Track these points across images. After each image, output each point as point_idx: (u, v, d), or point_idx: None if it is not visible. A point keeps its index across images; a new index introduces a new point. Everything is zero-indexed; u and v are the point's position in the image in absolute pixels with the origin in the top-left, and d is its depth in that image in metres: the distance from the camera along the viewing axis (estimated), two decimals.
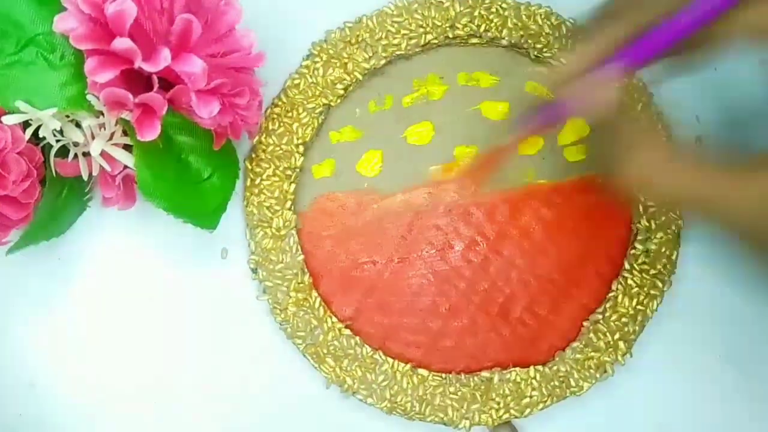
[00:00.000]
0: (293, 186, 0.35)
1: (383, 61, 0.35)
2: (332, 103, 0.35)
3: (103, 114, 0.29)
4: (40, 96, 0.28)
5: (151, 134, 0.27)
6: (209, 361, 0.35)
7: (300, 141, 0.35)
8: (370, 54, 0.35)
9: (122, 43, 0.26)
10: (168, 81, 0.27)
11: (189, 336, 0.35)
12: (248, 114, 0.30)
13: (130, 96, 0.26)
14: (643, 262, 0.35)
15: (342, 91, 0.35)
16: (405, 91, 0.36)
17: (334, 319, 0.34)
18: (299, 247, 0.34)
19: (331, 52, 0.35)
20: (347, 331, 0.34)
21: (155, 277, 0.35)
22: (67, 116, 0.29)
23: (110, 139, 0.29)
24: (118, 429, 0.34)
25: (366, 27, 0.35)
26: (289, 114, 0.35)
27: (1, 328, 0.34)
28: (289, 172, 0.35)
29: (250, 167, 0.35)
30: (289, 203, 0.35)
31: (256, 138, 0.35)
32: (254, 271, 0.34)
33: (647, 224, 0.35)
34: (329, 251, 0.35)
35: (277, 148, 0.35)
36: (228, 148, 0.32)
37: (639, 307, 0.35)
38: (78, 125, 0.29)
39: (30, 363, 0.34)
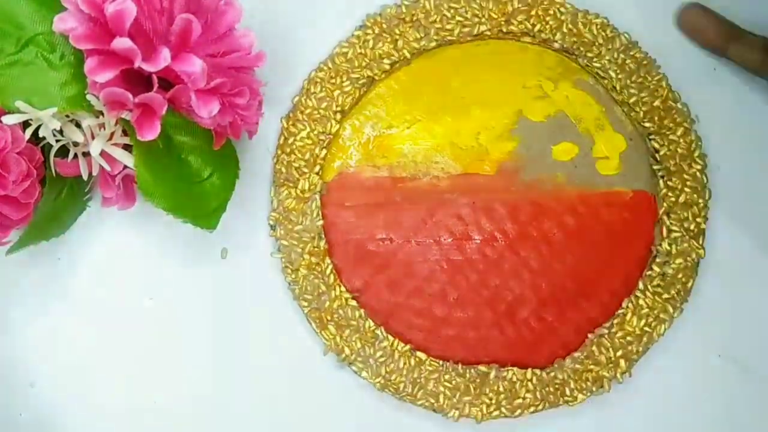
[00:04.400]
0: (324, 152, 0.35)
1: (433, 44, 0.35)
2: (376, 77, 0.35)
3: (103, 114, 0.28)
4: (40, 96, 0.27)
5: (151, 134, 0.27)
6: (209, 361, 0.35)
7: (339, 108, 0.35)
8: (422, 35, 0.35)
9: (122, 43, 0.25)
10: (168, 81, 0.27)
11: (188, 335, 0.35)
12: (248, 114, 0.29)
13: (130, 96, 0.26)
14: (658, 285, 0.35)
15: (388, 67, 0.35)
16: (451, 77, 0.36)
17: (343, 289, 0.34)
18: (320, 213, 0.35)
19: (384, 26, 0.35)
20: (353, 302, 0.34)
21: (155, 277, 0.35)
22: (67, 116, 0.29)
23: (110, 139, 0.29)
24: (119, 428, 0.34)
25: (422, 7, 0.35)
26: (333, 80, 0.35)
27: (1, 328, 0.34)
28: (323, 137, 0.35)
29: (285, 126, 0.35)
30: (317, 168, 0.35)
31: (296, 98, 0.35)
32: (272, 227, 0.35)
33: (668, 248, 0.35)
34: (349, 222, 0.35)
35: (315, 112, 0.35)
36: (228, 148, 0.32)
37: (646, 328, 0.34)
38: (78, 125, 0.29)
39: (30, 363, 0.34)
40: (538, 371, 0.34)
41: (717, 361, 0.35)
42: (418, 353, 0.34)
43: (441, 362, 0.34)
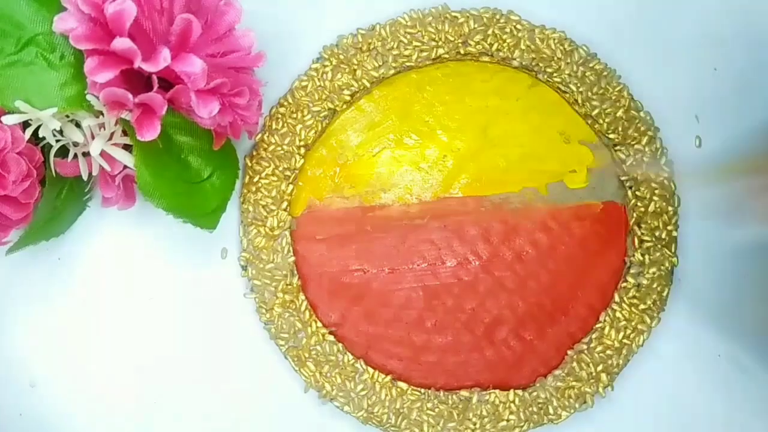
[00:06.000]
0: (291, 187, 0.35)
1: (392, 71, 0.35)
2: (338, 108, 0.35)
3: (103, 114, 0.28)
4: (40, 96, 0.27)
5: (151, 134, 0.27)
6: (207, 362, 0.35)
7: (302, 143, 0.35)
8: (380, 63, 0.35)
9: (122, 43, 0.26)
10: (168, 81, 0.27)
11: (189, 336, 0.35)
12: (248, 114, 0.29)
13: (130, 96, 0.26)
14: (634, 296, 0.35)
15: (348, 97, 0.35)
16: (413, 102, 0.35)
17: (319, 324, 0.34)
18: (291, 249, 0.34)
19: (341, 57, 0.35)
20: (330, 338, 0.34)
21: (155, 277, 0.35)
22: (67, 116, 0.29)
23: (110, 139, 0.29)
24: (118, 428, 0.34)
25: (378, 35, 0.35)
26: (294, 115, 0.35)
27: (1, 328, 0.34)
28: (288, 173, 0.35)
29: (249, 164, 0.35)
30: (285, 204, 0.35)
31: (258, 136, 0.35)
32: (244, 268, 0.34)
33: (641, 258, 0.35)
34: (320, 255, 0.35)
35: (279, 148, 0.35)
36: (228, 148, 0.32)
37: (625, 341, 0.35)
38: (78, 125, 0.29)
39: (30, 363, 0.34)
40: (520, 392, 0.34)
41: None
42: (400, 383, 0.34)
43: (423, 390, 0.34)
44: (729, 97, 0.37)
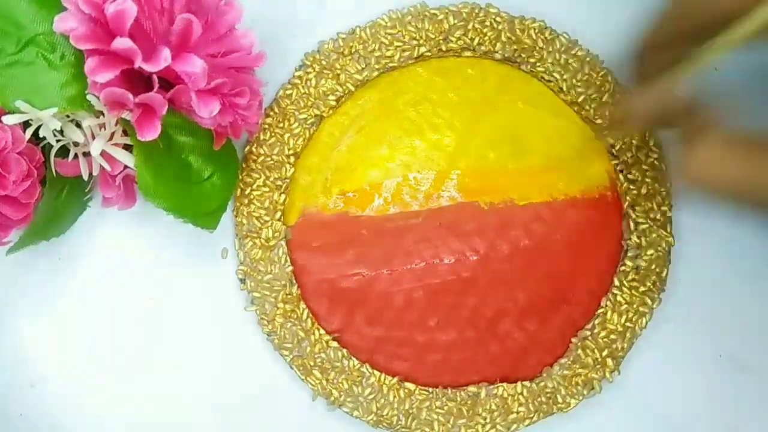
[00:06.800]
0: (283, 197, 0.35)
1: (376, 73, 0.35)
2: (324, 114, 0.35)
3: (103, 114, 0.29)
4: (40, 96, 0.28)
5: (151, 134, 0.27)
6: (207, 363, 0.35)
7: (291, 151, 0.35)
8: (363, 65, 0.35)
9: (122, 43, 0.26)
10: (168, 81, 0.27)
11: (189, 337, 0.35)
12: (248, 114, 0.29)
13: (130, 96, 0.26)
14: (633, 279, 0.35)
15: (334, 102, 0.35)
16: (397, 103, 0.35)
17: (322, 332, 0.34)
18: (288, 258, 0.34)
19: (323, 63, 0.35)
20: (334, 344, 0.34)
21: (155, 277, 0.35)
22: (68, 116, 0.29)
23: (110, 139, 0.29)
24: (119, 429, 0.34)
25: (359, 38, 0.35)
26: (281, 124, 0.35)
27: (1, 329, 0.34)
28: (279, 183, 0.35)
29: (240, 177, 0.34)
30: (278, 214, 0.34)
31: (247, 148, 0.35)
32: (242, 281, 0.34)
33: (638, 241, 0.35)
34: (318, 262, 0.35)
35: (268, 159, 0.35)
36: (228, 148, 0.32)
37: (628, 324, 0.35)
38: (78, 125, 0.29)
39: (30, 363, 0.34)
40: (527, 383, 0.34)
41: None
42: (407, 384, 0.34)
43: (430, 389, 0.34)
44: (728, 97, 0.37)
